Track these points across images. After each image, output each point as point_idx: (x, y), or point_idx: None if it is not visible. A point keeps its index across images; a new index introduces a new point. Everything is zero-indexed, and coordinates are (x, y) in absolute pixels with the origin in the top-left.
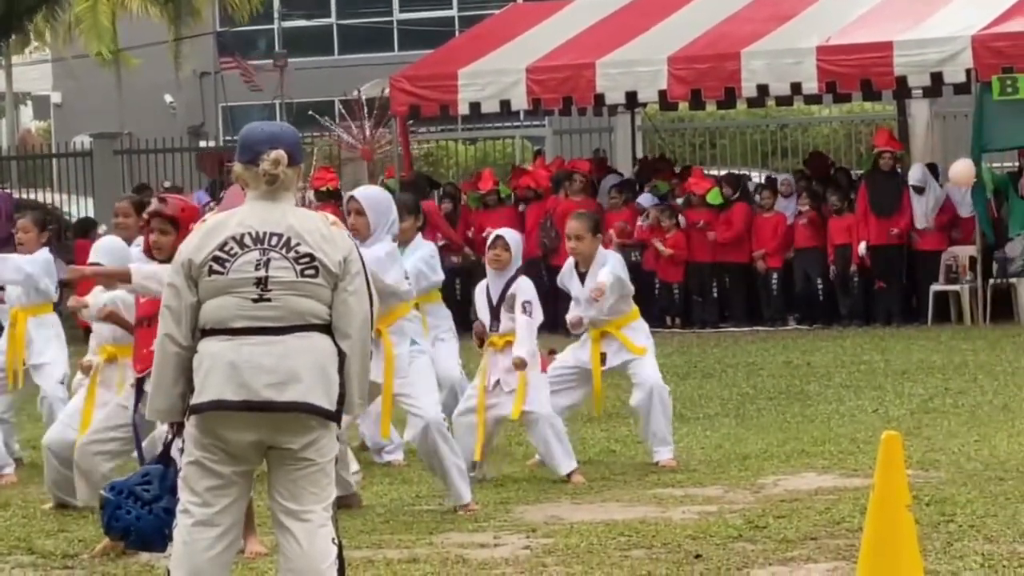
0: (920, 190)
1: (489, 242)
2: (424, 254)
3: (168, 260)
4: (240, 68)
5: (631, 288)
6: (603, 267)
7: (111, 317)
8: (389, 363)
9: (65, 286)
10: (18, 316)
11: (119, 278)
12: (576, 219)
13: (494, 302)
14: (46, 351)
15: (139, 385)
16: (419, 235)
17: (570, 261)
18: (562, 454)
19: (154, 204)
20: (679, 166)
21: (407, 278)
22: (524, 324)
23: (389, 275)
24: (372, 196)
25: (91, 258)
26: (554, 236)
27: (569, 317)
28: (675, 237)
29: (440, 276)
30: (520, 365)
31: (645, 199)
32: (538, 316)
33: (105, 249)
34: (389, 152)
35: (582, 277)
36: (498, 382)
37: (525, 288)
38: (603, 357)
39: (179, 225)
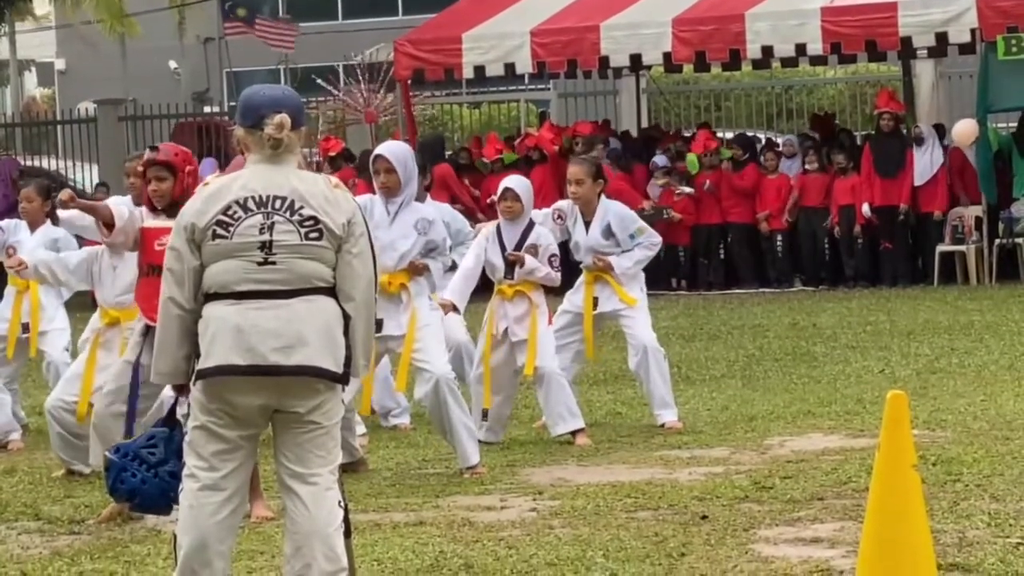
0: (921, 141)
1: (499, 194)
2: None
3: (168, 208)
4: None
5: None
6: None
7: (84, 207)
8: (414, 314)
9: None
10: (28, 283)
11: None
12: (577, 164)
13: (508, 249)
14: (56, 317)
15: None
16: (427, 194)
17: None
18: (566, 412)
19: (147, 154)
20: (687, 130)
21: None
22: (545, 270)
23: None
24: (398, 152)
25: None
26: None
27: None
28: (683, 202)
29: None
30: (519, 259)
31: (661, 159)
32: (558, 275)
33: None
34: (393, 116)
35: (587, 225)
36: (506, 330)
37: (551, 242)
38: (595, 301)
39: (175, 169)
